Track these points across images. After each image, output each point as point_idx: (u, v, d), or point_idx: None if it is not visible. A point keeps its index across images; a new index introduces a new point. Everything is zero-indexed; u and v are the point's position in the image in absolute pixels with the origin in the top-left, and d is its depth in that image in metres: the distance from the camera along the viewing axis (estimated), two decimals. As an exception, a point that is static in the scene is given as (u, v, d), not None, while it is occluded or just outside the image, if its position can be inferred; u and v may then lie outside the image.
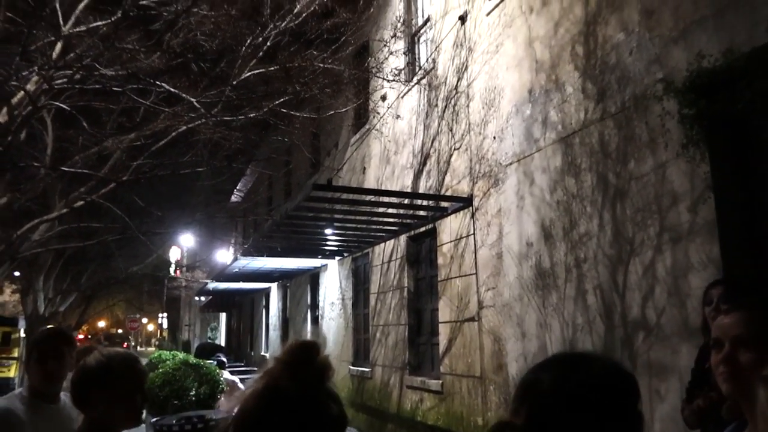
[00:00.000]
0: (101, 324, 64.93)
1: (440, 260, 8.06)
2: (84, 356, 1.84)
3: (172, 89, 6.62)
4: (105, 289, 18.78)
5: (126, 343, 44.65)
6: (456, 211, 7.62)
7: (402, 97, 9.54)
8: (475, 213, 7.25)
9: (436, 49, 8.64)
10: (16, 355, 18.22)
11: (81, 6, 7.07)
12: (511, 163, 6.60)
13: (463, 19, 7.91)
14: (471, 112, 7.58)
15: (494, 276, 6.73)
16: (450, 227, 7.86)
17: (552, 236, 5.81)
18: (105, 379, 1.77)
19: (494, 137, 6.98)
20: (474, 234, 7.24)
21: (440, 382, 7.69)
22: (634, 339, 4.72)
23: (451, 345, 7.53)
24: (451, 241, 7.80)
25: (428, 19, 9.26)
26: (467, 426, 6.97)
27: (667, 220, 4.47)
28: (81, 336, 39.19)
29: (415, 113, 9.18)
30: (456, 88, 8.01)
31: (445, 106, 8.26)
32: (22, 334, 17.00)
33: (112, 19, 6.58)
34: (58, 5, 6.61)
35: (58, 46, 6.72)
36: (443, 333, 7.78)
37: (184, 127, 7.98)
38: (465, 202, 7.41)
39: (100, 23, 6.60)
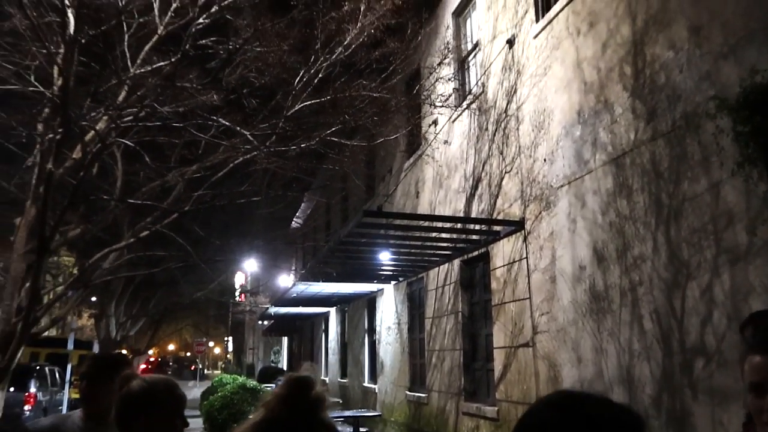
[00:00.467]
0: (171, 347, 67.20)
1: (494, 284, 7.97)
2: (126, 383, 1.95)
3: (228, 124, 6.92)
4: (172, 313, 19.51)
5: (194, 366, 45.95)
6: (508, 234, 7.54)
7: (453, 122, 9.58)
8: (528, 236, 7.15)
9: (485, 74, 8.66)
10: (91, 377, 19.11)
11: (146, 48, 7.52)
12: (562, 186, 6.49)
13: (511, 42, 7.91)
14: (521, 134, 7.53)
15: (548, 300, 6.60)
16: (503, 251, 7.77)
17: (605, 259, 5.66)
18: (147, 404, 1.87)
19: (545, 160, 6.90)
20: (527, 258, 7.13)
21: (496, 409, 7.55)
22: (694, 365, 4.51)
23: (506, 371, 7.39)
24: (504, 265, 7.70)
25: (477, 44, 9.31)
26: (524, 455, 6.77)
27: (724, 241, 4.29)
28: (152, 358, 40.61)
29: (465, 137, 9.19)
30: (506, 111, 7.98)
31: (495, 130, 8.23)
32: (97, 358, 17.85)
33: (173, 59, 6.98)
34: (126, 48, 7.07)
35: (125, 87, 7.15)
36: (498, 358, 7.65)
37: (241, 159, 8.28)
38: (517, 226, 7.32)
39: (162, 64, 6.99)
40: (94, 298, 16.39)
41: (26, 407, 13.29)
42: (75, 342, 16.07)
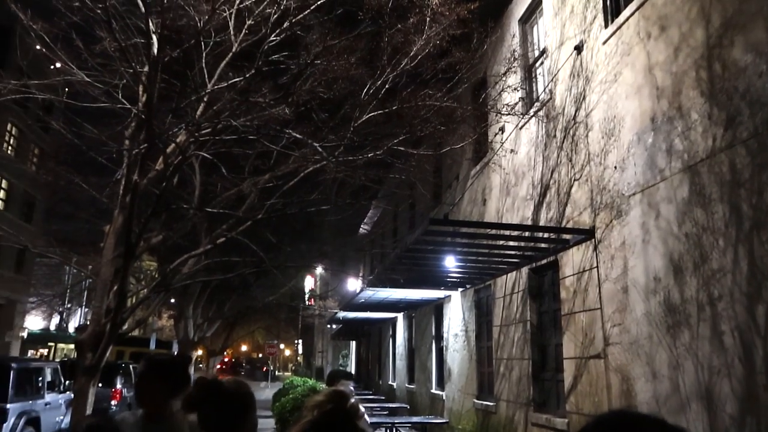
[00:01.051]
0: (243, 348, 69.37)
1: (563, 294, 7.81)
2: (200, 387, 2.08)
3: (298, 136, 7.14)
4: (245, 316, 20.19)
5: (265, 367, 47.26)
6: (578, 243, 7.38)
7: (520, 129, 9.47)
8: (598, 245, 6.97)
9: (552, 80, 8.52)
10: (171, 375, 20.08)
11: (222, 65, 7.89)
12: (634, 194, 6.30)
13: (579, 48, 7.75)
14: (590, 142, 7.36)
15: (620, 312, 6.40)
16: (572, 260, 7.61)
17: (682, 271, 5.44)
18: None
19: (615, 167, 6.71)
20: (597, 267, 6.95)
21: (566, 420, 7.38)
22: (779, 385, 4.27)
23: (577, 382, 7.22)
24: (573, 274, 7.54)
25: (544, 51, 9.17)
26: (595, 470, 6.59)
27: (811, 254, 4.04)
28: (226, 359, 42.09)
29: (533, 145, 9.06)
30: (574, 118, 7.82)
31: (564, 137, 8.08)
32: (177, 357, 18.74)
33: (247, 75, 7.28)
34: (204, 66, 7.45)
35: (202, 102, 7.53)
36: (568, 369, 7.48)
37: (311, 168, 8.51)
38: (587, 235, 7.15)
39: (237, 80, 7.31)
40: (172, 300, 17.21)
41: (113, 402, 14.12)
42: (156, 342, 16.99)
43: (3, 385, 9.18)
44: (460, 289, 12.24)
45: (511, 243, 8.49)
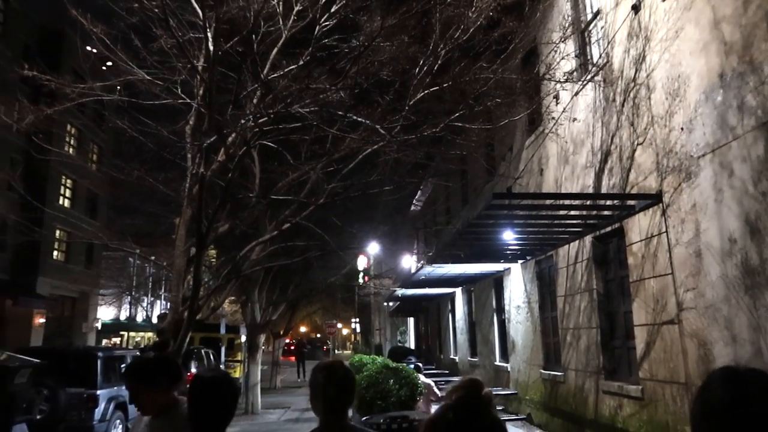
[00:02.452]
0: (303, 329, 71.02)
1: (630, 260, 7.72)
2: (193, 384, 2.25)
3: (357, 118, 7.25)
4: (306, 298, 20.64)
5: (326, 347, 48.38)
6: (644, 208, 7.26)
7: (576, 96, 9.30)
8: (666, 210, 6.85)
9: (608, 43, 8.31)
10: (239, 358, 20.84)
11: (273, 53, 8.04)
12: (704, 155, 6.15)
13: (636, 8, 7.53)
14: (653, 103, 7.19)
15: (693, 276, 6.31)
16: (639, 226, 7.50)
17: (760, 231, 5.31)
18: None
19: (682, 128, 6.55)
20: (666, 232, 6.84)
21: (640, 387, 7.36)
22: None
23: (650, 349, 7.17)
24: (641, 240, 7.44)
25: (598, 13, 8.94)
26: (674, 435, 6.59)
27: None
28: (288, 340, 43.20)
29: (591, 111, 8.90)
30: (634, 80, 7.64)
31: (624, 100, 7.91)
32: (243, 339, 19.39)
33: (301, 61, 7.41)
34: (257, 56, 7.61)
35: (259, 92, 7.72)
36: (639, 336, 7.43)
37: (369, 149, 8.62)
38: (654, 199, 7.03)
39: (292, 67, 7.46)
40: (235, 286, 17.77)
41: (189, 386, 14.84)
42: (225, 327, 17.65)
43: (92, 374, 9.79)
44: (520, 261, 12.22)
45: (573, 212, 8.42)
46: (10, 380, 7.01)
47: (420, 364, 9.36)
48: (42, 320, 24.53)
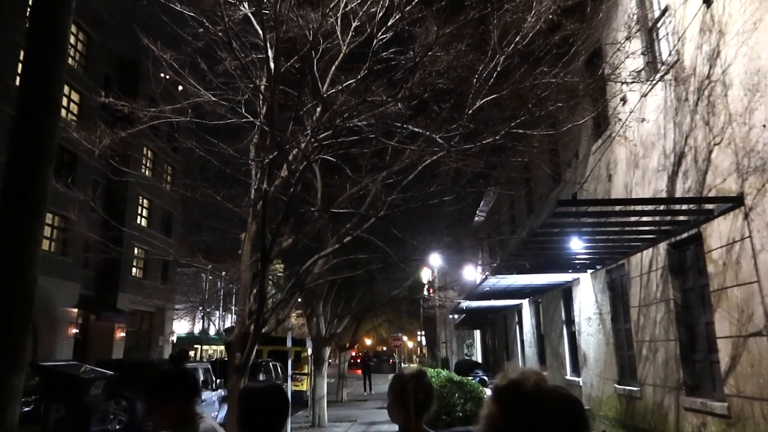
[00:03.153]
0: (368, 342, 71.25)
1: (710, 268, 7.23)
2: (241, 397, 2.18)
3: (415, 129, 7.17)
4: (370, 311, 20.63)
5: (392, 360, 48.24)
6: (724, 212, 6.80)
7: (645, 97, 8.88)
8: (749, 213, 6.37)
9: (679, 40, 7.89)
10: (306, 371, 21.04)
11: (333, 68, 8.10)
12: (790, 153, 5.68)
13: (708, 1, 7.11)
14: (730, 101, 6.73)
15: (783, 283, 5.81)
16: (719, 231, 7.02)
17: None
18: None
19: (764, 125, 6.09)
20: (750, 236, 6.36)
21: (726, 404, 6.83)
22: None
23: (736, 363, 6.65)
24: (721, 246, 6.95)
25: (666, 10, 8.52)
26: (767, 456, 6.05)
27: None
28: (353, 353, 43.44)
29: (662, 112, 8.46)
30: (708, 77, 7.20)
31: (698, 99, 7.46)
32: (309, 352, 19.57)
33: (360, 75, 7.43)
34: (316, 72, 7.68)
35: (319, 108, 7.78)
36: (723, 349, 6.92)
37: (429, 160, 8.52)
38: (734, 202, 6.57)
39: (351, 81, 7.48)
40: (299, 300, 17.98)
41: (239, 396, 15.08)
42: (291, 340, 17.85)
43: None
44: (589, 271, 11.74)
45: (645, 218, 8.02)
46: (86, 392, 7.29)
47: (486, 378, 9.11)
48: (122, 334, 25.71)
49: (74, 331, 22.52)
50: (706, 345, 7.64)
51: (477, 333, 30.91)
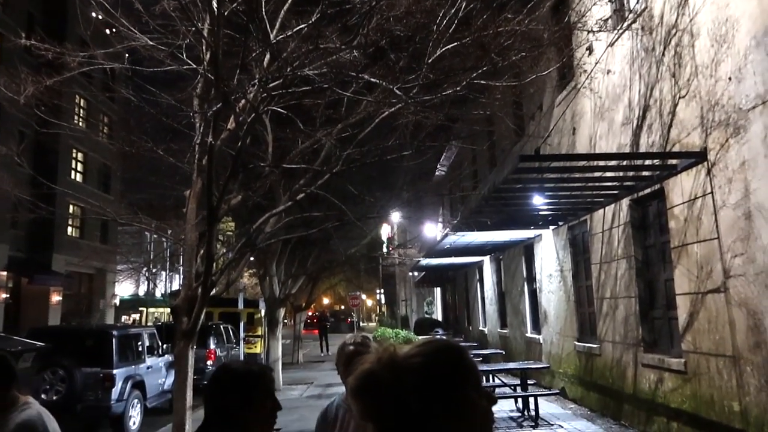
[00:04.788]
0: (326, 301, 71.88)
1: (672, 224, 7.47)
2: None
3: (372, 79, 7.04)
4: (327, 270, 20.70)
5: (349, 319, 48.91)
6: (687, 168, 6.98)
7: (611, 47, 8.93)
8: (712, 168, 6.56)
9: (647, -14, 7.91)
10: (260, 333, 21.15)
11: (283, 11, 7.82)
12: (754, 107, 5.83)
13: (679, -55, 7.11)
14: (697, 51, 6.83)
15: (742, 240, 6.06)
16: (681, 187, 7.23)
17: (817, 190, 5.04)
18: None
19: (730, 78, 6.22)
20: (712, 192, 6.57)
21: (683, 360, 7.19)
22: None
23: (693, 319, 6.97)
24: (683, 203, 7.17)
25: (635, -47, 8.50)
26: (720, 411, 6.43)
27: None
28: (310, 313, 43.79)
29: (628, 62, 8.54)
30: (676, 26, 7.27)
31: (665, 49, 7.55)
32: (263, 314, 19.63)
33: (312, 20, 7.19)
34: (265, 15, 7.41)
35: (268, 55, 7.53)
36: (682, 306, 7.23)
37: (387, 112, 8.41)
38: (698, 157, 6.75)
39: (302, 26, 7.24)
40: (252, 259, 17.87)
41: (208, 362, 15.08)
42: (244, 301, 17.83)
43: (107, 353, 9.94)
44: (551, 227, 12.00)
45: (609, 174, 8.17)
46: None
47: (445, 337, 9.30)
48: (59, 298, 25.11)
49: (4, 296, 21.89)
50: (666, 302, 7.96)
51: (437, 291, 31.51)
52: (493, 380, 11.57)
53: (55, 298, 24.89)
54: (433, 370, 1.08)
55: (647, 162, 7.73)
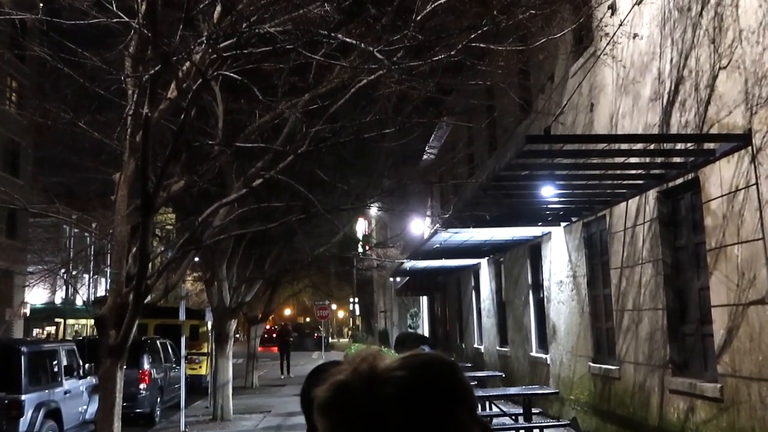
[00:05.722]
0: (287, 312, 71.82)
1: (708, 221, 7.57)
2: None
3: (348, 39, 7.01)
4: (290, 273, 20.69)
5: (317, 334, 48.78)
6: (727, 153, 7.07)
7: (638, 5, 9.00)
8: (757, 154, 6.65)
9: (683, -68, 7.97)
10: (205, 350, 21.00)
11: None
12: (809, 81, 5.91)
13: None
14: (742, 12, 6.92)
15: (792, 241, 6.15)
16: (720, 176, 7.32)
17: None
18: None
19: (780, 46, 6.30)
20: (757, 183, 6.66)
21: (718, 386, 7.30)
22: None
23: (732, 336, 7.08)
24: (722, 196, 7.27)
25: None
26: (762, 446, 6.54)
27: None
28: (268, 326, 43.70)
29: (658, 24, 8.62)
30: (717, -18, 7.34)
31: (702, 9, 7.64)
32: (209, 327, 19.49)
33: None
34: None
35: (219, 6, 7.46)
36: (719, 320, 7.34)
37: (364, 81, 8.40)
38: (740, 141, 6.84)
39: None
40: (197, 259, 17.81)
41: (141, 386, 14.87)
42: (186, 311, 17.68)
43: (14, 374, 9.79)
44: (563, 224, 12.10)
45: (633, 159, 8.25)
46: None
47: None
48: (-47, 306, 24.73)
49: None
50: (699, 315, 8.07)
51: (424, 300, 31.63)
52: (491, 408, 11.65)
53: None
54: (419, 386, 1.06)
55: (679, 146, 7.79)
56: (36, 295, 34.85)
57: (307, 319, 71.71)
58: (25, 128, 27.01)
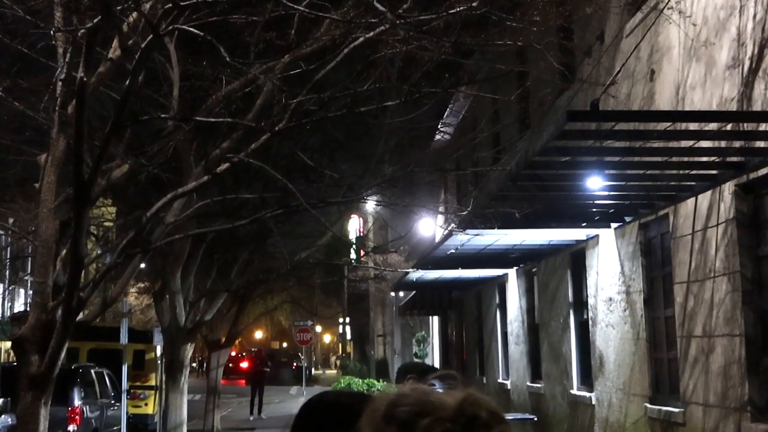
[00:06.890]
0: (258, 335, 71.90)
1: (800, 224, 7.61)
2: None
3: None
4: (263, 285, 20.68)
5: (295, 364, 48.73)
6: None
7: (713, -55, 9.03)
8: None
9: None
10: (153, 383, 21.01)
11: None
12: None
13: None
14: None
15: None
16: (815, 166, 7.36)
17: None
18: None
19: None
20: None
21: (810, 434, 7.33)
22: None
23: (829, 371, 7.11)
24: (818, 191, 7.30)
25: None
26: None
27: None
28: (233, 353, 43.67)
29: (738, -29, 8.65)
30: None
31: (796, -48, 7.66)
32: (159, 352, 19.48)
33: None
34: None
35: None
36: (813, 350, 7.37)
37: (361, 39, 8.43)
38: None
39: None
40: (143, 265, 17.87)
41: (70, 427, 14.87)
42: (129, 332, 17.69)
43: None
44: (614, 225, 12.13)
45: (705, 143, 8.27)
46: None
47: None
48: None
49: None
50: (787, 343, 8.10)
51: (434, 321, 31.64)
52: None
53: None
54: None
55: (763, 127, 7.80)
56: (-63, 310, 34.90)
57: (284, 344, 71.74)
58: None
